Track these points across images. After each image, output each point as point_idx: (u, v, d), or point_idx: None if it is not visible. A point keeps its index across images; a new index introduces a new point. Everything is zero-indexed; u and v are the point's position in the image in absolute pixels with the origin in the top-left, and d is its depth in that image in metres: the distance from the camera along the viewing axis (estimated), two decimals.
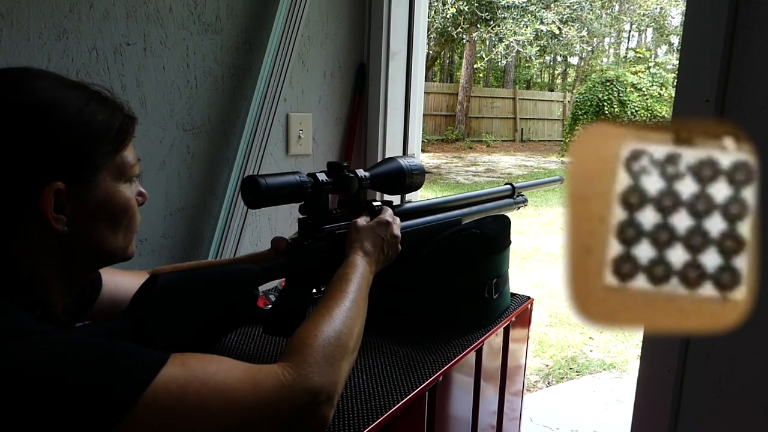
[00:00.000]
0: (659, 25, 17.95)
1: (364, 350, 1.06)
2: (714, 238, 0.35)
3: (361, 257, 0.87)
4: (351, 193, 0.97)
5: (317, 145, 1.79)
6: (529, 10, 13.30)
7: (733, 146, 0.35)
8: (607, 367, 3.15)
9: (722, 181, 0.35)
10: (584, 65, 20.16)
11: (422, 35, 1.93)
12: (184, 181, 1.47)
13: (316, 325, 0.69)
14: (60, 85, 0.62)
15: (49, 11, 1.18)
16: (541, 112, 16.48)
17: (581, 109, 10.55)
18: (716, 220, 0.35)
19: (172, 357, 0.55)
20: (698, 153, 0.35)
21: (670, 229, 0.36)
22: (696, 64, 1.07)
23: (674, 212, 0.36)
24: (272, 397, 0.58)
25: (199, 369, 0.55)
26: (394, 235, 0.94)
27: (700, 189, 0.35)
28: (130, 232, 0.68)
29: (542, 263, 5.20)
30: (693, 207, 0.35)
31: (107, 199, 0.64)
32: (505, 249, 1.24)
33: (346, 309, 0.74)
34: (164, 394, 0.52)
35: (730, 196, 0.35)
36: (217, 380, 0.55)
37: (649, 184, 0.36)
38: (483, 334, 1.16)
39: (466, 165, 11.61)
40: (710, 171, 0.35)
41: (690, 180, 0.35)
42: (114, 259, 0.68)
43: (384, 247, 0.92)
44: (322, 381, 0.62)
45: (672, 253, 0.36)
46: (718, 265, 0.35)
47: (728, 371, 1.13)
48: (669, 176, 0.36)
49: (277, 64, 1.55)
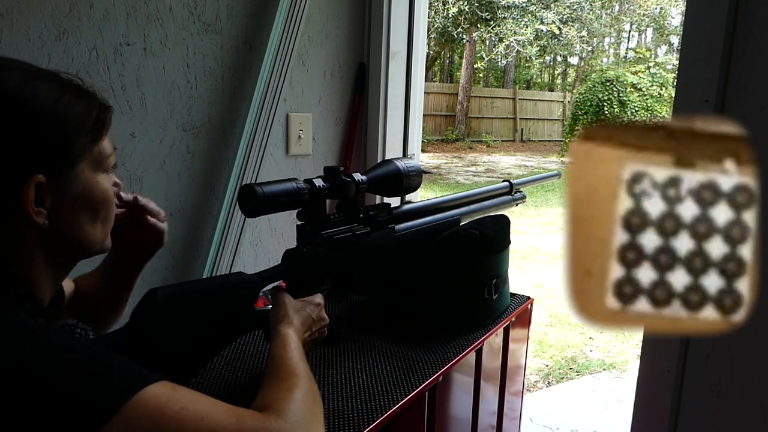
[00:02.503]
0: (659, 25, 17.95)
1: (364, 350, 1.06)
2: (715, 261, 0.35)
3: (293, 331, 0.80)
4: (348, 197, 0.97)
5: (317, 145, 1.78)
6: (529, 10, 13.30)
7: (733, 168, 0.35)
8: (607, 367, 3.15)
9: (723, 204, 0.35)
10: (584, 65, 20.16)
11: (422, 35, 1.93)
12: (184, 181, 1.47)
13: (286, 382, 0.67)
14: (32, 75, 0.61)
15: (49, 11, 1.18)
16: (541, 112, 16.48)
17: (581, 109, 10.55)
18: (717, 242, 0.35)
19: (163, 380, 0.55)
20: (699, 176, 0.35)
21: (671, 251, 0.36)
22: (696, 64, 1.07)
23: (675, 235, 0.36)
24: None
25: (185, 395, 0.55)
26: (321, 317, 0.89)
27: (701, 212, 0.35)
28: (107, 223, 0.68)
29: (542, 263, 5.20)
30: (694, 229, 0.35)
31: (86, 190, 0.63)
32: (504, 249, 1.24)
33: (304, 375, 0.70)
34: (142, 411, 0.52)
35: (732, 219, 0.35)
36: (201, 408, 0.55)
37: (650, 207, 0.36)
38: (483, 334, 1.16)
39: (466, 165, 11.61)
40: (711, 194, 0.35)
41: (691, 203, 0.35)
42: (92, 251, 0.67)
43: (312, 327, 0.86)
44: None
45: (673, 276, 0.36)
46: (719, 287, 0.35)
47: (728, 371, 1.13)
48: (670, 199, 0.35)
49: (277, 64, 1.55)
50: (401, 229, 1.08)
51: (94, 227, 0.65)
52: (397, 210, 1.10)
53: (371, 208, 1.04)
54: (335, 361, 1.02)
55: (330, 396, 0.90)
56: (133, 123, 1.35)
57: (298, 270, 0.91)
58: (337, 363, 1.01)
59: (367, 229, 1.02)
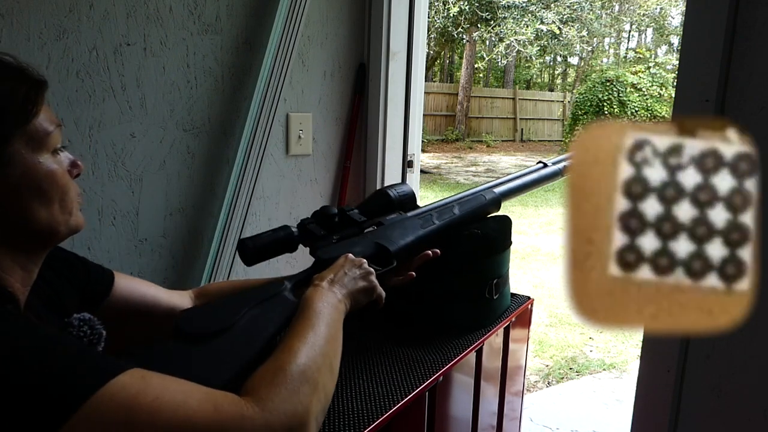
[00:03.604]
0: (659, 25, 17.95)
1: (364, 350, 1.06)
2: (718, 229, 0.35)
3: (321, 288, 0.79)
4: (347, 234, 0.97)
5: (317, 145, 1.78)
6: (529, 10, 13.30)
7: (735, 138, 0.35)
8: (607, 367, 3.15)
9: (725, 172, 0.35)
10: (584, 65, 20.16)
11: (422, 35, 1.93)
12: (184, 181, 1.47)
13: (277, 362, 0.63)
14: None
15: (49, 11, 1.18)
16: (541, 112, 16.47)
17: (581, 109, 10.55)
18: (720, 210, 0.35)
19: (132, 369, 0.53)
20: (700, 144, 0.35)
21: (673, 219, 0.35)
22: (696, 64, 1.07)
23: (677, 203, 0.35)
24: (231, 424, 0.54)
25: (157, 384, 0.53)
26: (354, 261, 0.87)
27: (704, 180, 0.35)
28: (66, 204, 0.64)
29: (542, 263, 5.20)
30: (696, 198, 0.35)
31: (27, 172, 0.60)
32: (505, 249, 1.24)
33: (310, 343, 0.68)
34: (111, 403, 0.50)
35: (734, 186, 0.35)
36: (175, 398, 0.53)
37: (652, 175, 0.35)
38: (483, 334, 1.16)
39: (466, 165, 11.61)
40: (713, 162, 0.35)
41: (693, 171, 0.35)
42: (58, 235, 0.64)
43: (345, 270, 0.83)
44: (288, 420, 0.57)
45: (676, 244, 0.36)
46: (722, 256, 0.35)
47: (728, 371, 1.13)
48: (671, 167, 0.35)
49: (277, 64, 1.55)
50: (435, 228, 1.08)
51: (49, 210, 0.62)
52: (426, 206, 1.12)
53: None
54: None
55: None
56: (133, 123, 1.35)
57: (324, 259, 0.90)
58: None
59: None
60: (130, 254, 1.41)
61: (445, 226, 1.08)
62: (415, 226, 1.04)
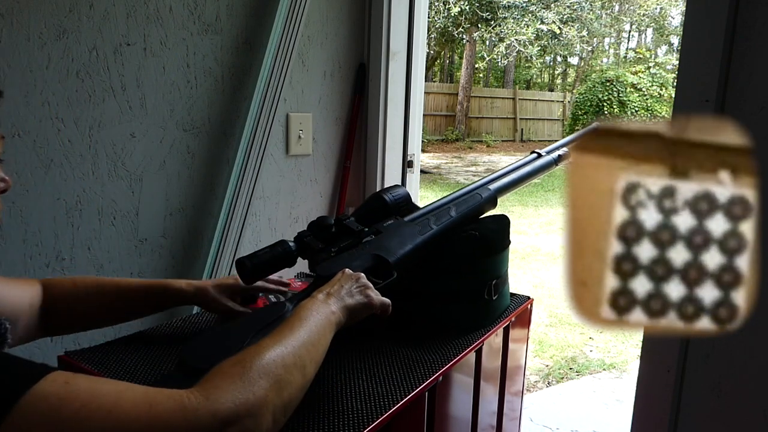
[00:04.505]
0: (659, 25, 17.95)
1: (363, 350, 1.06)
2: (711, 272, 0.35)
3: (322, 298, 0.79)
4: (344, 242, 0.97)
5: (317, 145, 1.79)
6: (529, 10, 13.30)
7: (730, 178, 0.35)
8: (607, 367, 3.15)
9: (720, 215, 0.35)
10: (584, 65, 20.16)
11: (422, 35, 1.93)
12: (184, 181, 1.47)
13: (241, 356, 0.61)
14: None
15: (49, 11, 1.18)
16: (541, 112, 16.47)
17: (581, 109, 10.57)
18: (713, 253, 0.35)
19: (54, 374, 0.49)
20: (695, 187, 0.35)
21: (666, 262, 0.35)
22: (696, 64, 1.07)
23: (671, 245, 0.35)
24: (169, 420, 0.51)
25: (84, 388, 0.50)
26: (350, 275, 0.86)
27: (698, 223, 0.35)
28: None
29: (542, 263, 5.20)
30: (690, 240, 0.35)
31: None
32: (504, 249, 1.24)
33: (283, 343, 0.65)
34: (35, 416, 0.46)
35: (728, 230, 0.35)
36: (105, 401, 0.50)
37: (646, 218, 0.35)
38: (483, 334, 1.15)
39: (466, 165, 11.61)
40: (707, 205, 0.35)
41: (687, 213, 0.35)
42: None
43: (342, 283, 0.83)
44: (236, 408, 0.54)
45: (668, 287, 0.36)
46: (715, 299, 0.35)
47: (728, 371, 1.13)
48: (666, 210, 0.35)
49: (277, 64, 1.55)
50: (412, 217, 1.08)
51: None
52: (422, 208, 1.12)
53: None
54: (335, 361, 1.02)
55: (330, 396, 0.90)
56: (133, 123, 1.36)
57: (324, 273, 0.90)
58: (337, 363, 1.01)
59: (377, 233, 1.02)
60: (130, 254, 1.41)
61: (443, 229, 1.08)
62: (413, 233, 1.04)
